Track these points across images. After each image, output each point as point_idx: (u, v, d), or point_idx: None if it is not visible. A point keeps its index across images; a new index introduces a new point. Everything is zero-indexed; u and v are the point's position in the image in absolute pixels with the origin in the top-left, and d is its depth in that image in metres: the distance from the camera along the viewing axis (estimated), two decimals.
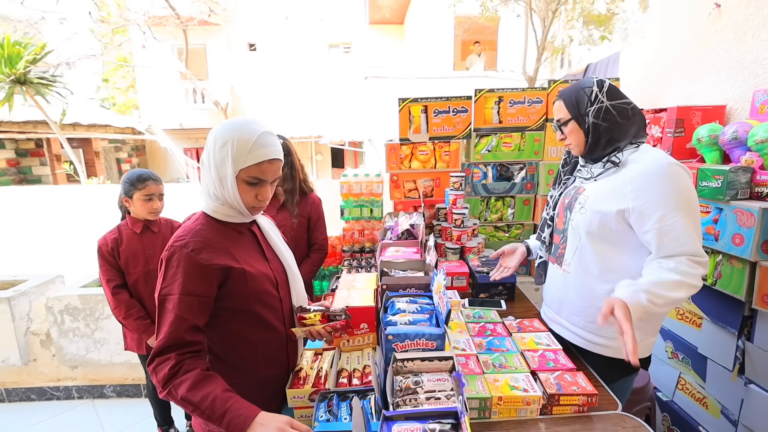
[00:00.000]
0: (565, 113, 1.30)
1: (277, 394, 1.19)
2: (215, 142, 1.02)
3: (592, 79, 1.28)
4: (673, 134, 2.01)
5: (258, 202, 1.09)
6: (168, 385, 0.95)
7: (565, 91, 1.32)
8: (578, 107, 1.27)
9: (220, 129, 1.03)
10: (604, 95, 1.25)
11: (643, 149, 1.23)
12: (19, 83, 6.10)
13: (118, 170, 11.86)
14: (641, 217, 1.16)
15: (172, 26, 9.86)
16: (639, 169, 1.18)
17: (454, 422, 0.80)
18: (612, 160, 1.25)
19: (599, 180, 1.28)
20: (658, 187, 1.14)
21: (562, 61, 7.28)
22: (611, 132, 1.24)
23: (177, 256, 1.00)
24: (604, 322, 1.09)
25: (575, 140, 1.31)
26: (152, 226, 2.02)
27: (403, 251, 1.65)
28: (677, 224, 1.12)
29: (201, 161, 1.09)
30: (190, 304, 0.99)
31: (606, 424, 1.07)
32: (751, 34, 1.91)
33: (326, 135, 10.79)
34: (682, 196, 1.13)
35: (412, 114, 2.34)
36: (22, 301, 2.71)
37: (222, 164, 1.02)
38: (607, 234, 1.24)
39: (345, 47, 12.64)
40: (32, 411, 2.67)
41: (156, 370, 0.97)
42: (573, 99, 1.28)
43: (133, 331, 2.00)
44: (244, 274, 1.07)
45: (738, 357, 1.66)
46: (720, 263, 1.66)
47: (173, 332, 0.97)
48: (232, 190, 1.04)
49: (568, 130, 1.31)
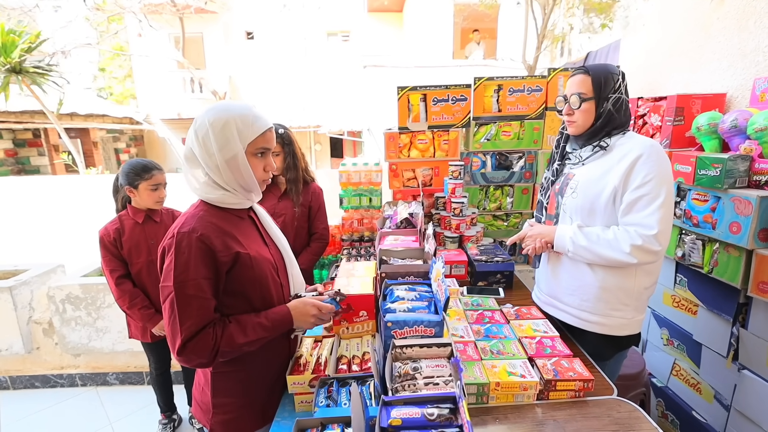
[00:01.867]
0: (589, 89, 1.30)
1: (278, 380, 1.20)
2: (212, 127, 1.01)
3: (618, 67, 1.31)
4: (672, 122, 2.00)
5: (266, 174, 1.12)
6: (215, 353, 1.00)
7: (595, 69, 1.30)
8: (604, 89, 1.28)
9: (212, 115, 1.02)
10: (624, 88, 1.30)
11: (629, 135, 1.31)
12: (14, 72, 6.02)
13: (117, 160, 11.80)
14: (623, 188, 1.24)
15: (169, 14, 9.72)
16: (626, 150, 1.26)
17: (452, 407, 0.82)
18: (601, 144, 1.32)
19: (587, 164, 1.35)
20: (644, 164, 1.21)
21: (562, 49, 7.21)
22: (615, 122, 1.30)
23: (187, 242, 1.00)
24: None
25: (583, 119, 1.32)
26: (154, 215, 2.02)
27: (402, 240, 1.66)
28: (649, 198, 1.20)
29: (188, 156, 1.06)
30: (208, 286, 1.01)
31: (602, 409, 1.09)
32: (753, 20, 1.89)
33: (325, 124, 10.72)
34: (662, 174, 1.21)
35: (411, 103, 2.33)
36: (23, 290, 2.72)
37: (227, 145, 1.02)
38: (597, 216, 1.31)
39: (344, 35, 12.49)
40: (37, 398, 2.70)
41: (196, 351, 0.98)
42: (601, 79, 1.28)
43: (138, 321, 2.01)
44: (249, 258, 1.08)
45: (732, 344, 1.68)
46: (717, 251, 1.67)
47: (202, 315, 0.99)
48: (244, 166, 1.05)
49: (580, 109, 1.31)
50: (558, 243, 1.37)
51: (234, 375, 1.14)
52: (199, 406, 1.19)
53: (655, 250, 1.20)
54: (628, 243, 1.21)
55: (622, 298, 1.33)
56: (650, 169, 1.20)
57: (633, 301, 1.34)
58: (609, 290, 1.33)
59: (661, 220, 1.19)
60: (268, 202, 2.12)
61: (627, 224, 1.24)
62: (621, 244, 1.22)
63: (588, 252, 1.29)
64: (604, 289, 1.33)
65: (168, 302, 0.99)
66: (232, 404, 1.15)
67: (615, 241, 1.23)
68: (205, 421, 1.17)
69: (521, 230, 1.58)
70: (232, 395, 1.15)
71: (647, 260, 1.23)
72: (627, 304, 1.34)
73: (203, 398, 1.17)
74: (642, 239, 1.20)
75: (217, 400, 1.14)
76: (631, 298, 1.33)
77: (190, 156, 1.06)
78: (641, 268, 1.31)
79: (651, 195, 1.20)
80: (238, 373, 1.13)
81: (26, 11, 8.47)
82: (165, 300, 1.00)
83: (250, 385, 1.16)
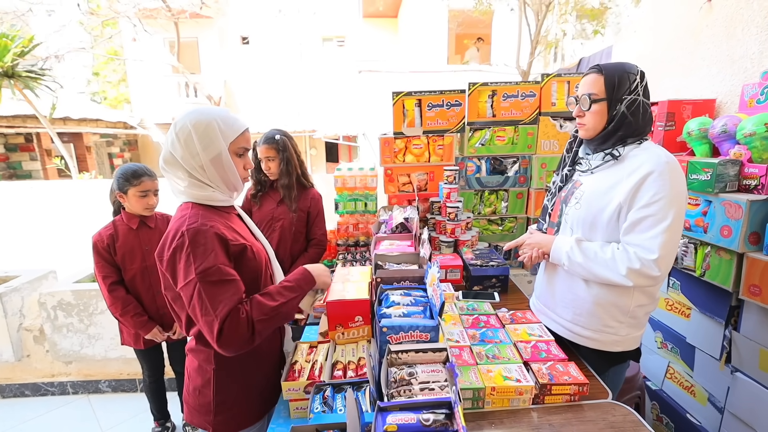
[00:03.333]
0: (601, 90, 1.20)
1: (273, 371, 1.24)
2: (195, 128, 1.04)
3: (636, 66, 1.20)
4: (664, 128, 2.03)
5: (246, 173, 1.18)
6: (252, 328, 1.01)
7: (609, 68, 1.20)
8: (618, 90, 1.18)
9: (194, 117, 1.05)
10: (642, 89, 1.19)
11: (645, 146, 1.21)
12: (6, 76, 5.99)
13: (111, 165, 11.71)
14: (629, 205, 1.17)
15: (164, 19, 9.70)
16: (638, 164, 1.16)
17: (447, 412, 0.82)
18: (613, 153, 1.22)
19: (596, 173, 1.27)
20: (653, 182, 1.13)
21: (556, 54, 7.29)
22: (632, 127, 1.20)
23: (202, 235, 1.01)
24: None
25: (594, 122, 1.23)
26: (148, 221, 2.00)
27: (398, 245, 1.66)
28: (654, 220, 1.12)
29: (167, 159, 1.07)
30: (230, 269, 1.04)
31: (597, 413, 1.09)
32: (741, 28, 1.92)
33: (320, 129, 10.73)
34: (673, 195, 1.12)
35: (406, 108, 2.34)
36: (14, 297, 2.68)
37: (211, 145, 1.06)
38: (598, 231, 1.25)
39: (339, 41, 12.54)
40: (27, 407, 2.66)
41: (233, 330, 0.98)
42: (615, 79, 1.18)
43: (131, 328, 1.99)
44: (252, 250, 1.13)
45: (725, 346, 1.70)
46: (708, 255, 1.69)
47: (232, 296, 1.00)
48: (228, 164, 1.09)
49: (590, 111, 1.23)
50: (554, 255, 1.32)
51: (237, 367, 1.15)
52: (196, 410, 1.18)
53: (653, 276, 1.13)
54: (626, 265, 1.14)
55: (617, 315, 1.29)
56: (660, 188, 1.11)
57: (627, 318, 1.29)
58: (603, 306, 1.29)
59: (664, 244, 1.11)
60: (267, 207, 2.12)
61: (628, 244, 1.17)
62: (618, 265, 1.16)
63: (583, 269, 1.24)
64: (598, 305, 1.29)
65: (195, 296, 0.99)
66: (234, 399, 1.16)
67: (612, 261, 1.17)
68: (206, 423, 1.16)
69: (519, 237, 1.52)
70: (233, 390, 1.16)
71: (644, 284, 1.17)
72: (621, 321, 1.29)
73: (201, 400, 1.16)
74: (641, 263, 1.13)
75: (220, 397, 1.14)
76: (625, 315, 1.28)
77: (170, 159, 1.07)
78: (638, 287, 1.25)
79: (657, 217, 1.11)
80: (240, 364, 1.15)
81: (19, 15, 8.42)
82: (191, 296, 0.99)
83: (250, 373, 1.18)
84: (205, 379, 1.15)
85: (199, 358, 1.16)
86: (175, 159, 1.06)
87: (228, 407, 1.16)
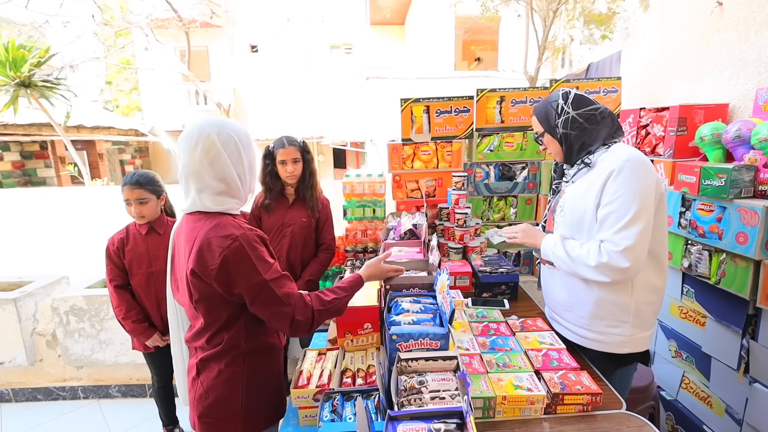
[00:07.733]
0: (539, 127, 1.41)
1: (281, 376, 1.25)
2: (240, 141, 1.10)
3: (558, 92, 1.36)
4: (675, 133, 2.00)
5: None
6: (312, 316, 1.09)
7: (537, 107, 1.42)
8: (548, 120, 1.37)
9: (231, 127, 1.09)
10: (570, 106, 1.33)
11: (613, 149, 1.29)
12: (23, 86, 6.13)
13: (122, 172, 11.89)
14: (598, 204, 1.25)
15: (175, 28, 9.88)
16: (604, 167, 1.25)
17: (459, 422, 0.81)
18: (584, 161, 1.32)
19: (576, 182, 1.36)
20: (614, 180, 1.20)
21: (563, 60, 7.26)
22: (582, 138, 1.32)
23: (252, 239, 1.05)
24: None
25: (553, 149, 1.41)
26: (158, 227, 2.00)
27: (406, 251, 1.66)
28: (617, 215, 1.20)
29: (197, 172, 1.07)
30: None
31: (610, 424, 1.07)
32: (754, 32, 1.90)
33: (328, 135, 10.80)
34: (632, 189, 1.19)
35: (414, 114, 2.35)
36: (27, 302, 2.72)
37: (251, 151, 1.14)
38: (584, 233, 1.31)
39: (346, 48, 12.64)
40: (39, 411, 2.68)
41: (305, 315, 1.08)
42: (543, 113, 1.38)
43: (129, 332, 2.00)
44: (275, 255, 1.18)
45: (743, 356, 1.65)
46: (723, 262, 1.66)
47: (294, 285, 1.10)
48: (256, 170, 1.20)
49: (545, 142, 1.42)
50: (543, 251, 1.42)
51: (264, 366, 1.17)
52: (221, 421, 1.13)
53: (622, 267, 1.17)
54: (595, 258, 1.21)
55: (619, 314, 1.29)
56: (619, 185, 1.19)
57: (631, 317, 1.29)
58: (604, 306, 1.30)
59: (628, 236, 1.17)
60: (278, 212, 2.14)
61: (601, 240, 1.24)
62: (588, 259, 1.23)
63: (565, 264, 1.31)
64: (598, 306, 1.30)
65: (266, 295, 1.04)
66: (261, 400, 1.16)
67: (585, 256, 1.24)
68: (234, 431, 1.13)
69: (517, 225, 1.62)
70: (261, 392, 1.16)
71: (617, 278, 1.21)
72: (624, 321, 1.30)
73: (228, 409, 1.12)
74: (608, 256, 1.19)
75: (250, 398, 1.13)
76: (628, 314, 1.29)
77: (199, 171, 1.06)
78: (638, 283, 1.28)
79: (619, 212, 1.19)
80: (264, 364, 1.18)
81: (36, 27, 8.64)
82: (257, 296, 1.03)
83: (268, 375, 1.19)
84: (231, 387, 1.11)
85: (225, 364, 1.10)
86: (209, 170, 1.06)
87: (258, 408, 1.15)
